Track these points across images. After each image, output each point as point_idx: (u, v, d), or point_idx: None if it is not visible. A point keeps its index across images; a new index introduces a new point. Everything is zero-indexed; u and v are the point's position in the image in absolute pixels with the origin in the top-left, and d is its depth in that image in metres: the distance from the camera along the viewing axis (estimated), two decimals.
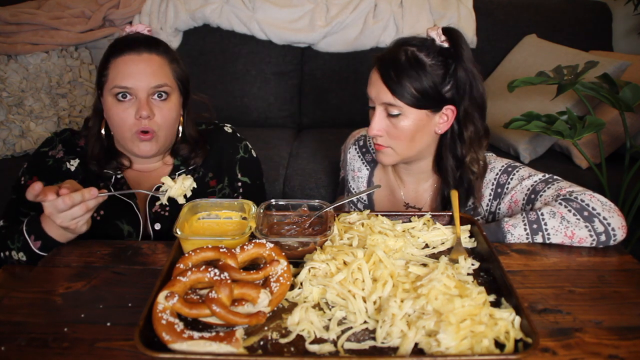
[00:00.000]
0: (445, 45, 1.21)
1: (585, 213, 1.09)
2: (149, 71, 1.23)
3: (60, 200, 0.99)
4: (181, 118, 1.34)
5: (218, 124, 1.47)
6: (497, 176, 1.29)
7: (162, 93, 1.24)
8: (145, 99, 1.22)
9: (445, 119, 1.25)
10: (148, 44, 1.26)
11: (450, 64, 1.21)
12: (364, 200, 1.48)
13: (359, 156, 1.49)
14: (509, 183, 1.26)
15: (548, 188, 1.19)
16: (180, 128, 1.34)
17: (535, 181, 1.22)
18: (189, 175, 1.15)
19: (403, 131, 1.22)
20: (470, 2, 2.62)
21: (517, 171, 1.27)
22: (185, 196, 1.14)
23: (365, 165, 1.48)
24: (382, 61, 1.22)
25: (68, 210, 1.01)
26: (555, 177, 1.23)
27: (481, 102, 1.26)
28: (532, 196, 1.21)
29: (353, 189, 1.51)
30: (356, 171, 1.50)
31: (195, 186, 1.15)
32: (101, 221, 1.26)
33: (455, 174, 1.30)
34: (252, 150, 1.47)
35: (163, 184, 1.14)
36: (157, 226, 1.30)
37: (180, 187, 1.13)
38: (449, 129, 1.27)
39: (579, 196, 1.12)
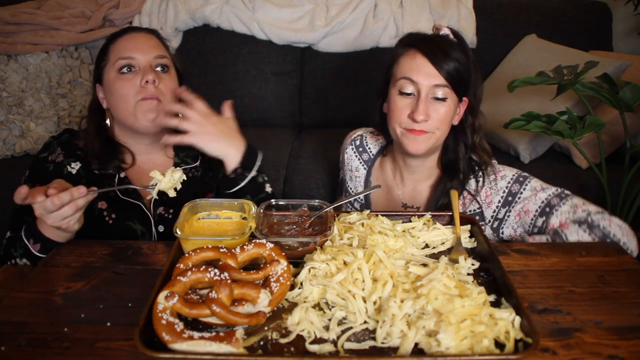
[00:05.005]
0: (455, 40, 1.28)
1: (608, 240, 1.14)
2: (150, 44, 1.32)
3: (48, 201, 0.99)
4: None
5: None
6: (509, 185, 1.31)
7: (164, 66, 1.31)
8: (150, 68, 1.28)
9: (458, 110, 1.31)
10: (145, 28, 1.37)
11: (466, 54, 1.27)
12: (361, 200, 1.49)
13: (356, 156, 1.50)
14: (521, 193, 1.29)
15: (563, 204, 1.23)
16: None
17: (550, 195, 1.26)
18: (178, 168, 1.15)
19: (446, 116, 1.26)
20: (470, 2, 2.62)
21: (529, 182, 1.30)
22: (175, 189, 1.14)
23: (363, 165, 1.49)
24: (425, 45, 1.25)
25: (58, 211, 1.01)
26: (566, 191, 1.27)
27: (481, 96, 1.35)
28: (547, 209, 1.25)
29: (351, 188, 1.51)
30: (354, 171, 1.50)
31: (185, 178, 1.15)
32: (114, 224, 1.27)
33: (465, 162, 1.34)
34: None
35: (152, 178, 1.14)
36: (161, 228, 1.31)
37: (169, 180, 1.12)
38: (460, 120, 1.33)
39: (600, 222, 1.16)
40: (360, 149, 1.50)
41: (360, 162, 1.49)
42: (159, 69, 1.30)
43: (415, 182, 1.42)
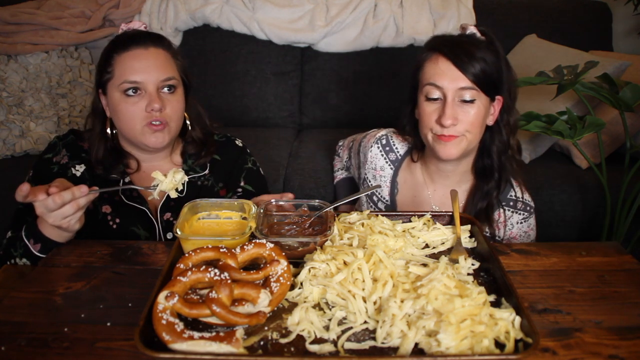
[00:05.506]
0: (483, 38, 1.27)
1: None
2: (157, 64, 1.24)
3: (50, 199, 0.99)
4: (186, 114, 1.35)
5: (230, 137, 1.48)
6: (518, 222, 1.40)
7: (171, 86, 1.26)
8: (156, 93, 1.23)
9: (492, 110, 1.29)
10: (152, 38, 1.27)
11: (496, 52, 1.25)
12: (386, 200, 1.46)
13: (382, 155, 1.47)
14: (521, 223, 1.40)
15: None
16: (188, 122, 1.36)
17: (533, 239, 1.43)
18: (180, 169, 1.15)
19: (476, 118, 1.24)
20: (470, 2, 2.62)
21: (532, 217, 1.41)
22: (177, 190, 1.14)
23: (389, 165, 1.46)
24: (447, 48, 1.24)
25: (59, 209, 1.00)
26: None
27: (515, 93, 1.33)
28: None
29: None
30: (378, 170, 1.47)
31: (187, 179, 1.15)
32: (118, 229, 1.27)
33: (500, 163, 1.33)
34: (260, 169, 1.48)
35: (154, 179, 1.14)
36: (170, 235, 1.30)
37: (171, 180, 1.12)
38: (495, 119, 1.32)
39: None
40: (387, 148, 1.47)
41: (387, 162, 1.46)
42: (165, 89, 1.25)
43: (447, 187, 1.39)
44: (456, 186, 1.39)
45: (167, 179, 1.12)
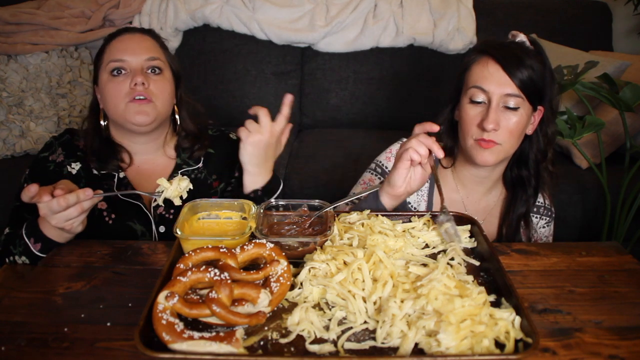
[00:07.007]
0: (532, 47, 1.25)
1: None
2: (142, 46, 1.31)
3: (54, 201, 0.99)
4: (175, 107, 1.37)
5: (224, 130, 1.49)
6: (541, 228, 1.44)
7: (156, 68, 1.31)
8: (140, 71, 1.28)
9: (533, 119, 1.28)
10: (141, 29, 1.37)
11: (543, 62, 1.24)
12: (415, 209, 1.42)
13: None
14: (543, 227, 1.43)
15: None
16: (177, 116, 1.38)
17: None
18: (185, 177, 1.16)
19: (517, 126, 1.22)
20: (470, 2, 2.62)
21: (552, 223, 1.45)
22: (181, 197, 1.14)
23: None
24: (498, 52, 1.22)
25: (63, 212, 1.01)
26: None
27: (557, 105, 1.33)
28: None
29: (410, 204, 1.42)
30: None
31: (192, 187, 1.16)
32: (114, 224, 1.27)
33: (536, 172, 1.33)
34: None
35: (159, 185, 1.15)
36: (162, 229, 1.31)
37: (176, 188, 1.13)
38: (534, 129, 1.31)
39: None
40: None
41: None
42: (150, 71, 1.30)
43: (480, 193, 1.38)
44: (488, 192, 1.39)
45: (172, 186, 1.13)
